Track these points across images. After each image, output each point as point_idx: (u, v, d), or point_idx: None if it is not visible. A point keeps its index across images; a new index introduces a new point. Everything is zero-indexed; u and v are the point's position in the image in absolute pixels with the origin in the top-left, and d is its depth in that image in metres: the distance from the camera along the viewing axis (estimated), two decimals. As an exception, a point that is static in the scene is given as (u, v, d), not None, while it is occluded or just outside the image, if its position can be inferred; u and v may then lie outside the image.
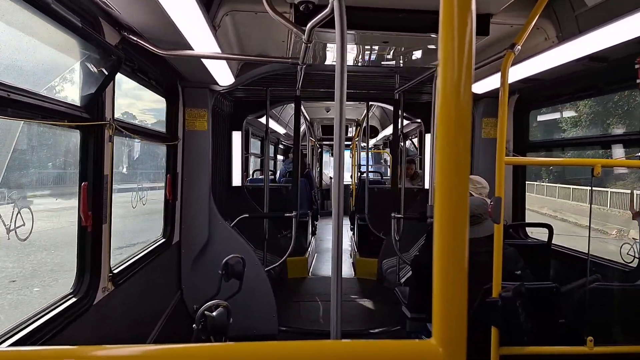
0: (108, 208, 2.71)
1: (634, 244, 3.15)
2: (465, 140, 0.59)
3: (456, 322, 0.59)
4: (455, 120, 0.59)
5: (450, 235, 0.59)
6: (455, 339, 0.59)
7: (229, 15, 3.24)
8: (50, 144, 2.92)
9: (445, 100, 0.59)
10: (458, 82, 0.58)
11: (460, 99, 0.58)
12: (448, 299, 0.59)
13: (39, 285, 3.90)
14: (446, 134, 0.59)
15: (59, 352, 0.63)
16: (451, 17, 0.58)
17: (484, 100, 4.79)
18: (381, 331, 4.83)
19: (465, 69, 0.58)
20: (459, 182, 0.59)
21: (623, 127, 13.70)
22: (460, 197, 0.59)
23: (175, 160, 4.24)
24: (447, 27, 0.58)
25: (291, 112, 9.65)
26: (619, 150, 3.33)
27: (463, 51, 0.58)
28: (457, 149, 0.59)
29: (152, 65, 3.38)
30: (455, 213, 0.59)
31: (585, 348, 2.25)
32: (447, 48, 0.58)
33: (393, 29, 2.78)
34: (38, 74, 2.29)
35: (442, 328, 0.59)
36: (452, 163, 0.59)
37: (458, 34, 0.58)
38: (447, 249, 0.59)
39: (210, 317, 2.41)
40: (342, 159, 1.48)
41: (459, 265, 0.59)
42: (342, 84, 1.41)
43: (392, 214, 5.44)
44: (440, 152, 0.59)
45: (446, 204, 0.59)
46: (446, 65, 0.58)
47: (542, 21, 3.34)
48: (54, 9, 1.91)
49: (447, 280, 0.59)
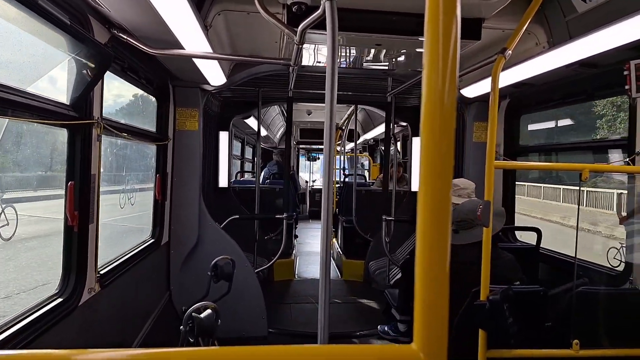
0: (96, 208, 2.69)
1: (620, 248, 3.17)
2: (449, 144, 0.58)
3: (437, 327, 0.59)
4: (440, 124, 0.58)
5: (432, 238, 0.58)
6: (436, 344, 0.58)
7: (221, 14, 3.23)
8: (39, 142, 2.89)
9: (430, 104, 0.58)
10: (443, 86, 0.58)
11: (444, 102, 0.58)
12: (429, 304, 0.59)
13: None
14: (431, 138, 0.59)
15: (40, 356, 0.62)
16: (436, 21, 0.58)
17: (475, 104, 4.81)
18: (370, 332, 4.83)
19: (449, 73, 0.58)
20: (442, 186, 0.58)
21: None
22: (443, 201, 0.58)
23: (165, 160, 4.21)
24: (432, 31, 0.58)
25: (274, 113, 9.66)
26: (615, 155, 3.35)
27: (448, 55, 0.58)
28: (441, 153, 0.58)
29: (142, 64, 3.36)
30: (437, 216, 0.58)
31: (572, 351, 2.27)
32: (432, 52, 0.58)
33: (386, 31, 2.78)
34: (25, 70, 2.27)
35: (423, 333, 0.58)
36: (436, 167, 0.58)
37: (443, 38, 0.58)
38: (429, 252, 0.58)
39: (198, 319, 2.40)
40: (332, 162, 1.47)
41: (441, 269, 0.58)
42: (332, 86, 1.40)
43: (383, 216, 5.45)
44: (424, 156, 0.59)
45: (429, 208, 0.58)
46: (431, 69, 0.58)
47: (533, 26, 3.36)
48: (41, 5, 1.90)
49: (428, 284, 0.59)
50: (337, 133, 10.28)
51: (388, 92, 5.28)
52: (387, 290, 4.51)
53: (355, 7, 2.65)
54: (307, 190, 15.05)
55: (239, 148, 10.48)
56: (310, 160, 16.86)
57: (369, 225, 6.72)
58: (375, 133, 10.44)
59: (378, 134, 10.29)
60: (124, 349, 0.59)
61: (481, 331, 2.26)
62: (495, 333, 2.26)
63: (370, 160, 14.40)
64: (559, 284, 2.88)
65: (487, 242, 2.24)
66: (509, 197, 4.64)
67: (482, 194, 2.28)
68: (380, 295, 5.71)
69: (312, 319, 5.29)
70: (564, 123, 4.45)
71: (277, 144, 12.52)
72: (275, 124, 10.88)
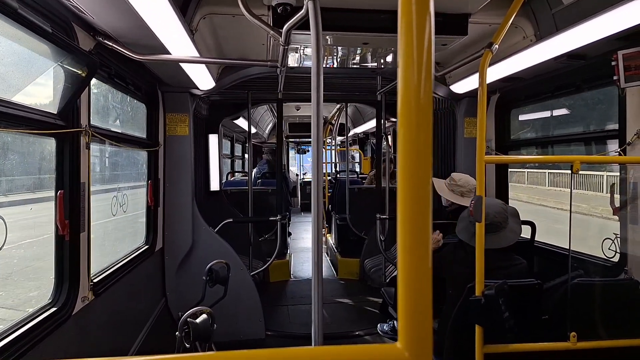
0: (86, 216, 2.67)
1: (615, 239, 3.17)
2: (427, 140, 0.58)
3: (422, 325, 0.58)
4: (417, 121, 0.58)
5: (412, 235, 0.58)
6: (421, 343, 0.58)
7: (206, 18, 3.22)
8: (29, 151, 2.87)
9: (406, 100, 0.58)
10: (418, 82, 0.57)
11: (420, 98, 0.57)
12: (413, 302, 0.58)
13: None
14: (408, 135, 0.58)
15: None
16: (409, 17, 0.57)
17: (465, 100, 4.82)
18: (368, 332, 4.82)
19: (425, 69, 0.57)
20: (421, 182, 0.58)
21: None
22: (422, 198, 0.58)
23: (157, 166, 4.20)
24: (406, 27, 0.58)
25: (262, 110, 9.66)
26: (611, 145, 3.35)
27: (422, 52, 0.57)
28: (418, 149, 0.58)
29: (129, 71, 3.34)
30: (417, 213, 0.58)
31: (569, 344, 2.26)
32: (407, 49, 0.58)
33: (372, 30, 2.78)
34: (8, 80, 2.25)
35: (407, 331, 0.58)
36: (413, 163, 0.58)
37: (417, 35, 0.57)
38: (410, 249, 0.58)
39: (193, 324, 2.38)
40: (321, 160, 1.47)
41: (422, 267, 0.58)
42: (318, 86, 1.39)
43: (377, 214, 5.45)
44: (402, 153, 0.58)
45: (409, 205, 0.58)
46: (406, 66, 0.58)
47: (519, 20, 3.37)
48: (22, 14, 1.88)
49: (411, 282, 0.58)
50: (327, 128, 10.27)
51: (378, 90, 5.28)
52: (383, 289, 4.51)
53: (339, 6, 2.64)
54: (297, 183, 15.05)
55: (228, 147, 10.46)
56: (300, 153, 16.87)
57: (363, 223, 6.73)
58: (365, 127, 10.46)
59: (368, 128, 10.30)
60: (119, 358, 0.58)
61: (478, 326, 2.26)
62: (491, 328, 2.25)
63: (361, 154, 14.38)
64: (554, 276, 2.88)
65: (481, 236, 2.24)
66: (502, 191, 4.64)
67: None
68: (376, 293, 5.71)
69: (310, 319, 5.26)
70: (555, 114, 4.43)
71: (267, 138, 12.53)
72: (264, 120, 10.90)
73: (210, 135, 6.28)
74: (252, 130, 5.82)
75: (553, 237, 3.93)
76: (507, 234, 2.83)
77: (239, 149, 11.75)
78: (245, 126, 9.10)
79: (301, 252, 8.70)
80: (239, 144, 11.66)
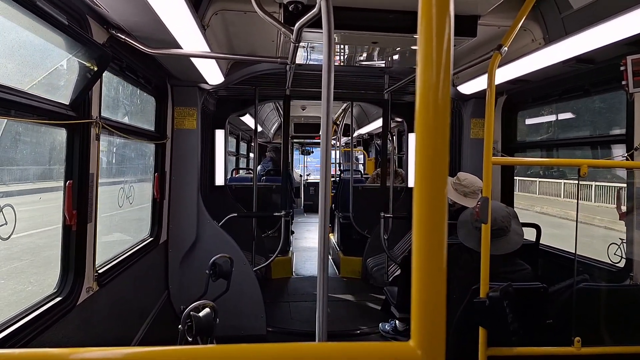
0: (94, 207, 2.69)
1: (620, 244, 3.17)
2: (444, 140, 0.59)
3: (435, 324, 0.59)
4: (434, 121, 0.58)
5: (428, 234, 0.58)
6: (434, 342, 0.58)
7: (218, 14, 3.23)
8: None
9: (424, 101, 0.59)
10: (437, 82, 0.58)
11: (438, 99, 0.58)
12: (427, 301, 0.59)
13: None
14: (425, 135, 0.59)
15: (38, 355, 0.62)
16: (430, 18, 0.58)
17: (472, 100, 4.82)
18: (370, 331, 4.83)
19: (443, 70, 0.58)
20: (438, 182, 0.58)
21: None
22: (438, 198, 0.58)
23: (164, 158, 4.21)
24: (425, 28, 0.58)
25: (268, 109, 9.66)
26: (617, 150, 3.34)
27: (441, 52, 0.58)
28: (436, 149, 0.58)
29: (140, 64, 3.36)
30: (433, 213, 0.58)
31: (573, 349, 2.25)
32: (426, 49, 0.58)
33: (382, 29, 2.79)
34: (23, 70, 2.27)
35: (420, 330, 0.58)
36: (431, 164, 0.58)
37: (437, 35, 0.58)
38: (425, 248, 0.58)
39: (196, 318, 2.39)
40: (329, 158, 1.48)
41: (438, 265, 0.59)
42: (329, 83, 1.40)
43: (381, 213, 5.46)
44: (418, 153, 0.59)
45: (425, 204, 0.59)
46: (425, 66, 0.58)
47: (528, 23, 3.37)
48: (39, 6, 1.90)
49: (425, 281, 0.59)
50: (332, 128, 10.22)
51: (385, 89, 5.28)
52: (386, 288, 4.51)
53: (351, 5, 2.65)
54: (301, 184, 15.08)
55: (234, 144, 10.47)
56: (304, 154, 16.84)
57: (366, 222, 6.72)
58: (370, 128, 10.42)
59: (373, 128, 10.28)
60: (122, 348, 0.59)
61: (481, 329, 2.25)
62: (495, 330, 2.25)
63: (365, 155, 14.36)
64: (559, 280, 2.88)
65: (486, 237, 2.24)
66: (508, 193, 4.64)
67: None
68: (378, 292, 5.71)
69: (311, 317, 5.28)
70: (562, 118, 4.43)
71: (272, 138, 12.53)
72: (269, 119, 10.89)
73: (217, 131, 6.29)
74: (257, 128, 5.83)
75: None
76: (513, 237, 2.82)
77: (244, 148, 11.75)
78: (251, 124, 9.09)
79: (303, 251, 8.69)
80: (244, 143, 11.66)
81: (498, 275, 2.55)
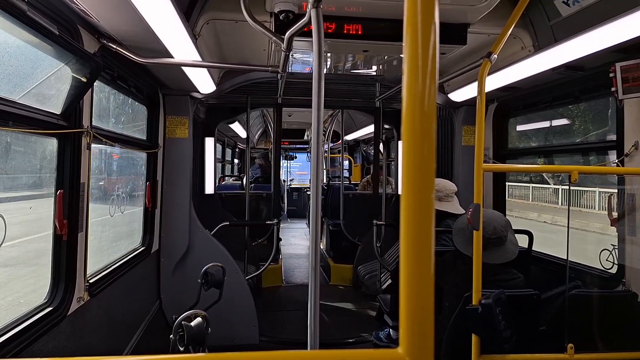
0: (85, 217, 2.67)
1: (612, 250, 3.18)
2: (430, 147, 0.59)
3: (423, 331, 0.58)
4: (420, 128, 0.59)
5: (416, 241, 0.58)
6: (423, 349, 0.58)
7: (209, 23, 3.24)
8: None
9: (411, 109, 0.59)
10: (422, 90, 0.58)
11: (425, 106, 0.58)
12: (415, 308, 0.59)
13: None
14: (412, 142, 0.59)
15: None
16: (415, 26, 0.58)
17: (463, 108, 4.84)
18: (362, 339, 4.81)
19: (429, 77, 0.58)
20: (424, 189, 0.59)
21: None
22: (425, 204, 0.59)
23: (155, 167, 4.20)
24: (411, 36, 0.59)
25: (254, 115, 9.67)
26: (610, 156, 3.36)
27: (427, 60, 0.58)
28: (422, 157, 0.59)
29: (132, 73, 3.36)
30: (420, 219, 0.58)
31: (566, 355, 2.24)
32: (412, 57, 0.59)
33: (372, 38, 2.80)
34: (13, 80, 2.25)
35: (409, 337, 0.58)
36: (417, 171, 0.59)
37: (422, 43, 0.58)
38: (413, 255, 0.58)
39: (187, 327, 2.37)
40: (321, 165, 1.48)
41: (425, 272, 0.58)
42: (319, 91, 1.41)
43: (374, 220, 5.45)
44: (405, 160, 0.59)
45: (412, 211, 0.59)
46: (411, 74, 0.59)
47: (518, 30, 3.40)
48: (30, 16, 1.89)
49: (413, 288, 0.59)
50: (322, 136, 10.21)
51: (377, 97, 5.31)
52: (379, 296, 4.50)
53: (341, 14, 2.66)
54: (285, 189, 15.06)
55: (220, 150, 10.45)
56: (287, 159, 16.83)
57: (356, 229, 6.71)
58: (357, 134, 10.42)
59: (360, 135, 10.27)
60: (113, 357, 0.59)
61: (474, 336, 2.24)
62: (488, 338, 2.24)
63: (352, 161, 14.34)
64: (551, 287, 2.88)
65: (478, 244, 2.24)
66: (500, 200, 4.65)
67: (472, 198, 2.28)
68: (370, 299, 5.69)
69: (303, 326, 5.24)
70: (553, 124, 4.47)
71: (256, 144, 12.53)
72: (255, 125, 10.92)
73: (206, 139, 6.28)
74: (244, 135, 5.83)
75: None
76: (509, 246, 2.81)
77: (229, 154, 11.73)
78: (237, 130, 9.03)
79: (290, 259, 8.63)
80: (229, 149, 11.63)
81: (491, 283, 2.55)
